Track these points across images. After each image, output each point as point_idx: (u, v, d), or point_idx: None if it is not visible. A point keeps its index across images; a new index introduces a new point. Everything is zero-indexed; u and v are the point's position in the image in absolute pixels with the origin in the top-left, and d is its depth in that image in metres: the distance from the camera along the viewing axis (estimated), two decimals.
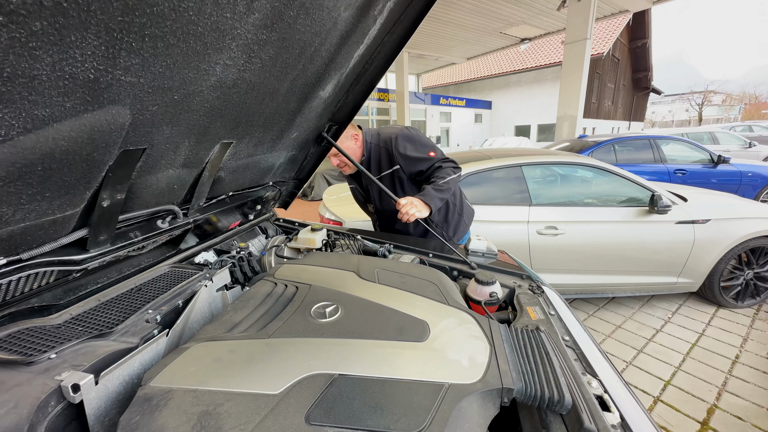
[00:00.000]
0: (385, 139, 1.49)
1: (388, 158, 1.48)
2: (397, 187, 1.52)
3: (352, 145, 1.48)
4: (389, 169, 1.50)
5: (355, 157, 1.49)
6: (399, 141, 1.45)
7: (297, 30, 0.69)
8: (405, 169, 1.47)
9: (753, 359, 2.06)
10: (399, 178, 1.50)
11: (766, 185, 4.82)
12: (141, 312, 0.76)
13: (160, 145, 0.64)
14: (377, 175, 1.50)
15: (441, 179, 1.42)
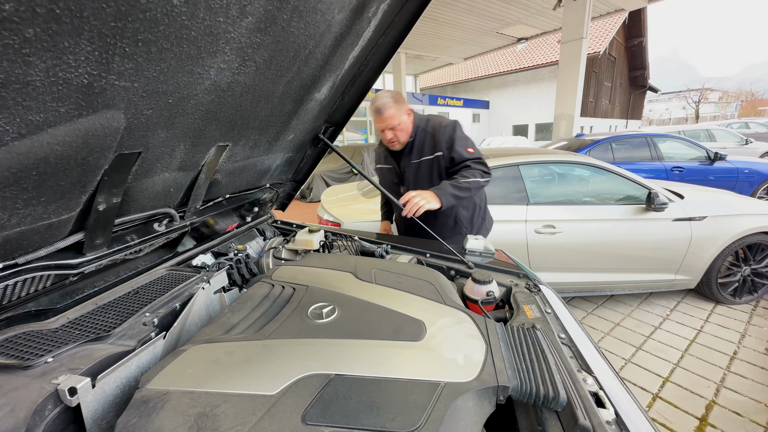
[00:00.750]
0: (434, 125, 1.51)
1: (433, 144, 1.49)
2: (434, 174, 1.53)
3: (405, 120, 1.49)
4: (431, 154, 1.51)
5: (407, 133, 1.51)
6: (447, 129, 1.48)
7: (291, 33, 0.69)
8: (445, 157, 1.49)
9: (751, 355, 2.07)
10: (438, 165, 1.51)
11: (763, 182, 4.84)
12: (138, 315, 0.76)
13: (156, 149, 0.64)
14: (418, 158, 1.53)
15: (464, 178, 1.43)
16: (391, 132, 1.47)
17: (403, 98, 1.47)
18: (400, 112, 1.45)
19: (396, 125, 1.44)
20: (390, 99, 1.43)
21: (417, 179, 1.56)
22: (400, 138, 1.49)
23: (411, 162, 1.55)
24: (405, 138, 1.50)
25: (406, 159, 1.57)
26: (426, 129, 1.53)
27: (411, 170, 1.56)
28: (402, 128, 1.47)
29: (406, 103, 1.49)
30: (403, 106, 1.47)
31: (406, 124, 1.48)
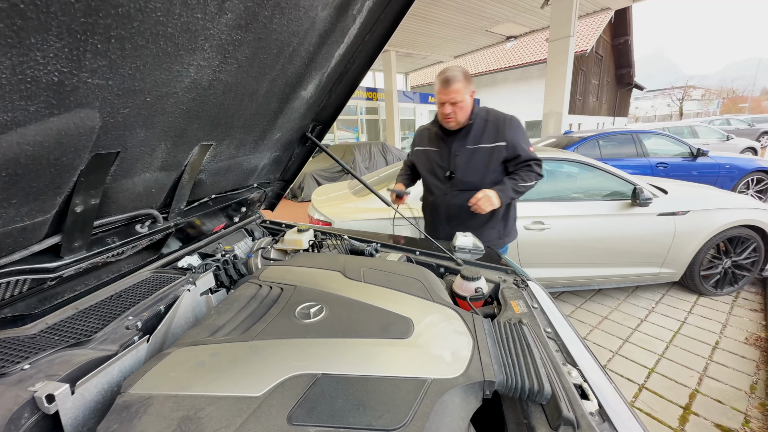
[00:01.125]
0: (496, 115, 1.50)
1: (495, 133, 1.47)
2: (491, 164, 1.49)
3: (468, 100, 1.45)
4: (492, 143, 1.48)
5: (465, 114, 1.47)
6: (513, 123, 1.49)
7: (273, 30, 0.68)
8: (507, 148, 1.47)
9: (732, 344, 2.14)
10: (497, 155, 1.48)
11: (743, 177, 4.99)
12: (121, 319, 0.74)
13: (135, 149, 0.63)
14: (474, 144, 1.50)
15: (523, 181, 1.45)
16: (452, 107, 1.42)
17: (470, 77, 1.45)
18: (466, 90, 1.41)
19: (458, 101, 1.40)
20: (460, 73, 1.39)
21: (469, 166, 1.51)
22: (458, 116, 1.44)
23: (465, 147, 1.50)
24: (462, 118, 1.45)
25: (460, 143, 1.52)
26: (486, 118, 1.50)
27: (464, 155, 1.51)
28: (462, 107, 1.42)
29: (472, 84, 1.46)
30: (470, 85, 1.44)
31: (467, 104, 1.44)
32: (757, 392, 1.76)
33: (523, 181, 1.46)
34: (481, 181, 1.51)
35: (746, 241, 2.58)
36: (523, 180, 1.47)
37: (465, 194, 1.49)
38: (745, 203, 2.56)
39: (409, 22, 7.72)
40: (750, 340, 2.17)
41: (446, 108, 1.43)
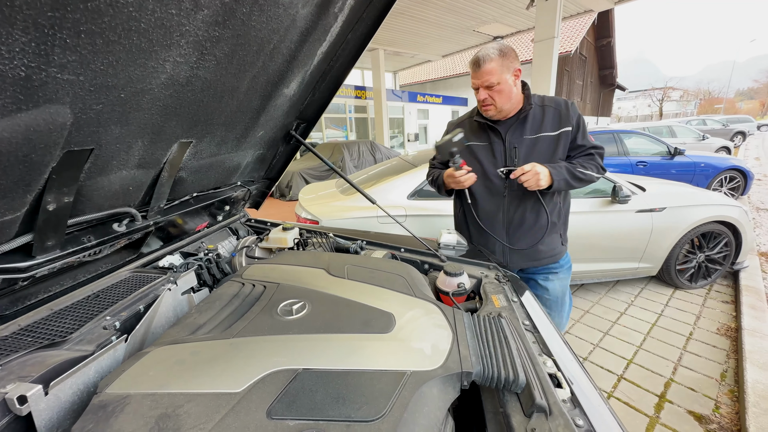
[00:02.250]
0: (552, 100, 1.29)
1: (558, 119, 1.26)
2: (559, 152, 1.27)
3: (508, 81, 1.18)
4: (555, 130, 1.26)
5: (514, 101, 1.24)
6: (573, 108, 1.28)
7: (252, 27, 0.68)
8: (573, 133, 1.27)
9: (704, 335, 2.24)
10: (564, 142, 1.27)
11: (717, 174, 5.21)
12: (98, 319, 0.73)
13: (110, 146, 0.62)
14: (534, 133, 1.27)
15: (582, 167, 1.24)
16: (487, 92, 1.19)
17: (513, 54, 1.18)
18: (504, 68, 1.16)
19: (494, 84, 1.16)
20: (495, 51, 1.16)
21: (530, 159, 1.26)
22: (497, 102, 1.20)
23: (524, 137, 1.27)
24: (504, 104, 1.21)
25: (516, 133, 1.28)
26: (542, 104, 1.28)
27: (524, 147, 1.28)
28: (501, 90, 1.18)
29: (516, 60, 1.18)
30: (510, 62, 1.17)
31: (507, 86, 1.18)
32: (727, 380, 1.85)
33: (582, 168, 1.24)
34: None
35: (718, 236, 2.70)
36: (582, 167, 1.24)
37: (526, 195, 1.29)
38: (717, 200, 2.67)
39: (397, 21, 7.72)
40: (721, 330, 2.27)
41: (480, 94, 1.21)
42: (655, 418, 1.63)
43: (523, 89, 1.28)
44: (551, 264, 1.42)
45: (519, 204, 1.33)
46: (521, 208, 1.33)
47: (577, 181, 1.25)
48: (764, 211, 4.89)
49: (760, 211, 4.90)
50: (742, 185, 5.26)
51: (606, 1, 7.21)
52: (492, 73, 1.15)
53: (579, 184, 1.26)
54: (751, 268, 2.96)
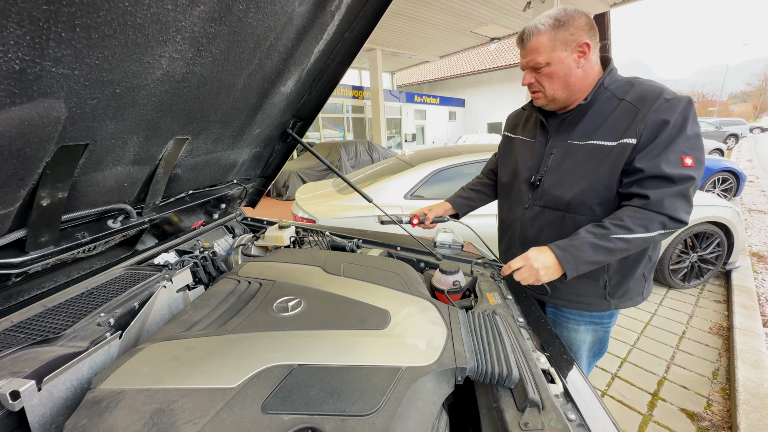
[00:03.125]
0: (642, 92, 0.85)
1: (628, 121, 0.84)
2: (601, 175, 0.88)
3: (564, 60, 0.85)
4: (615, 139, 0.85)
5: (576, 88, 0.89)
6: (664, 108, 0.81)
7: (249, 24, 0.68)
8: (643, 151, 0.82)
9: (697, 334, 2.26)
10: (615, 159, 0.85)
11: (710, 176, 5.27)
12: (92, 316, 0.73)
13: (105, 141, 0.61)
14: (583, 139, 0.90)
15: (624, 231, 0.80)
16: (533, 75, 0.90)
17: (579, 21, 0.83)
18: (558, 44, 0.83)
19: (541, 64, 0.86)
20: (547, 20, 0.84)
21: (561, 172, 0.94)
22: (547, 89, 0.89)
23: (568, 142, 0.93)
24: (557, 92, 0.89)
25: (562, 134, 0.95)
26: (622, 96, 0.87)
27: (559, 154, 0.95)
28: (552, 73, 0.86)
29: (583, 30, 0.83)
30: (571, 34, 0.83)
31: (562, 67, 0.85)
32: (719, 378, 1.87)
33: (621, 230, 0.80)
34: (577, 200, 0.92)
35: (711, 237, 2.73)
36: (624, 228, 0.80)
37: (548, 215, 0.99)
38: (710, 201, 2.70)
39: (394, 21, 7.73)
40: (713, 329, 2.30)
41: (526, 77, 0.92)
42: (648, 416, 1.64)
43: (606, 68, 0.91)
44: (573, 309, 1.06)
45: (538, 223, 1.01)
46: (543, 234, 1.01)
47: (618, 253, 0.82)
48: (756, 212, 4.96)
49: (751, 212, 4.96)
50: (735, 186, 5.33)
51: (601, 4, 7.27)
52: (538, 50, 0.85)
53: (624, 253, 0.83)
54: (743, 268, 3.00)
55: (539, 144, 1.01)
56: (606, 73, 0.89)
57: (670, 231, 0.83)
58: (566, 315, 1.09)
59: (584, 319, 1.06)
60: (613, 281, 0.98)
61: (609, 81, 0.89)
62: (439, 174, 2.59)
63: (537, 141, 1.02)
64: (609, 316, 1.07)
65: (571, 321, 1.08)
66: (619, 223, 0.82)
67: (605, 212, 0.89)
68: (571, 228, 0.91)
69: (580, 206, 0.93)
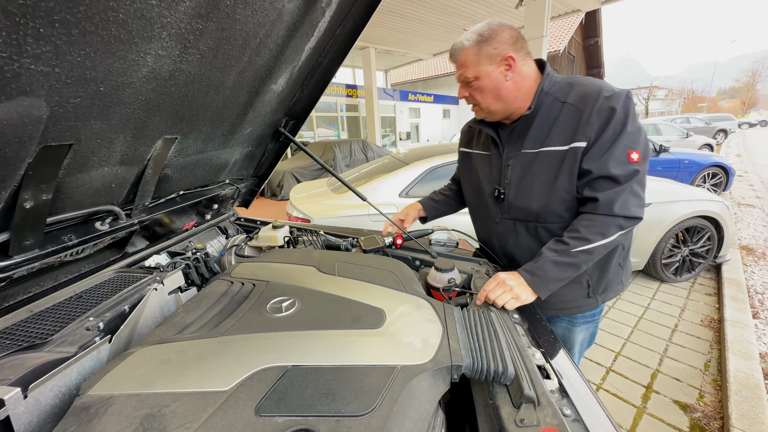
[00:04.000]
0: (583, 93, 0.84)
1: (575, 124, 0.83)
2: (561, 179, 0.87)
3: (493, 73, 0.85)
4: (564, 144, 0.85)
5: (512, 99, 0.88)
6: (605, 107, 0.80)
7: (237, 20, 0.67)
8: (588, 152, 0.83)
9: (689, 327, 2.30)
10: (569, 164, 0.85)
11: (700, 171, 5.35)
12: (80, 320, 0.71)
13: (90, 141, 0.60)
14: (534, 147, 0.90)
15: (581, 241, 0.81)
16: (467, 90, 0.90)
17: (502, 36, 0.83)
18: (481, 58, 0.84)
19: (471, 78, 0.87)
20: (472, 36, 0.84)
21: (526, 182, 0.93)
22: (481, 102, 0.90)
23: (522, 151, 0.93)
24: (492, 104, 0.89)
25: (514, 145, 0.94)
26: (564, 99, 0.87)
27: (518, 165, 0.94)
28: (482, 87, 0.87)
29: (507, 44, 0.83)
30: (495, 48, 0.83)
31: (490, 81, 0.86)
32: (710, 369, 1.90)
33: (580, 242, 0.81)
34: (544, 210, 0.92)
35: (702, 231, 2.77)
36: (583, 239, 0.81)
37: (520, 227, 0.99)
38: (700, 195, 2.74)
39: (387, 19, 7.71)
40: (705, 322, 2.33)
41: (460, 91, 0.93)
42: (643, 408, 1.67)
43: (543, 73, 0.90)
44: (565, 316, 1.09)
45: (517, 240, 1.01)
46: (520, 247, 1.01)
47: (582, 266, 0.83)
48: (745, 206, 5.04)
49: (741, 206, 5.04)
50: (724, 181, 5.42)
51: (593, 1, 7.32)
52: (465, 65, 0.86)
53: (589, 263, 0.84)
54: (733, 262, 3.05)
55: (495, 156, 1.01)
56: (544, 78, 0.89)
57: (629, 230, 0.84)
58: (560, 321, 1.12)
59: (576, 320, 1.09)
60: (594, 278, 1.00)
61: (548, 85, 0.89)
62: (434, 172, 2.59)
63: (493, 154, 1.01)
64: (599, 312, 1.10)
65: (564, 324, 1.12)
66: (577, 235, 0.83)
67: (575, 217, 0.90)
68: (546, 237, 0.93)
69: (548, 215, 0.93)
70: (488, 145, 1.03)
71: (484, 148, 1.05)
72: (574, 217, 0.90)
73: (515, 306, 0.81)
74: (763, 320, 2.28)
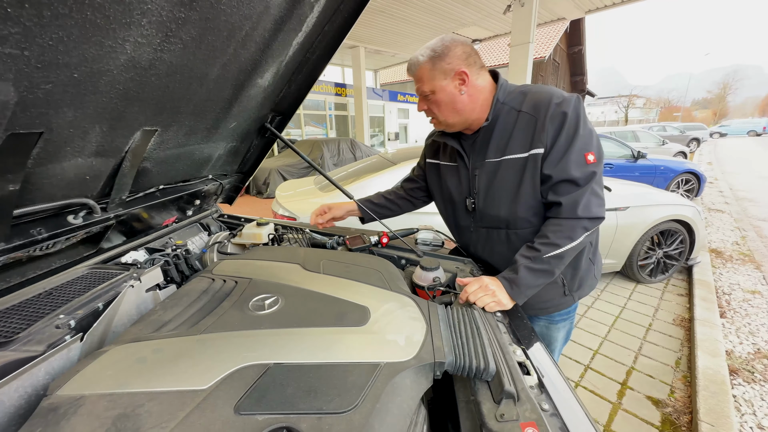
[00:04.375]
0: (536, 101, 0.87)
1: (531, 133, 0.86)
2: (525, 185, 0.90)
3: (448, 87, 0.87)
4: (524, 151, 0.88)
5: (468, 112, 0.91)
6: (557, 113, 0.84)
7: (222, 11, 0.65)
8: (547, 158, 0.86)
9: (662, 325, 2.40)
10: (534, 170, 0.88)
11: (675, 177, 5.59)
12: (50, 318, 0.68)
13: (62, 130, 0.57)
14: (497, 156, 0.92)
15: (550, 247, 0.84)
16: (425, 104, 0.93)
17: (455, 51, 0.86)
18: (437, 73, 0.86)
19: (427, 92, 0.90)
20: (426, 51, 0.87)
21: (493, 190, 0.95)
22: (438, 115, 0.93)
23: (486, 161, 0.94)
24: (448, 117, 0.92)
25: (479, 155, 0.96)
26: (519, 108, 0.89)
27: (484, 175, 0.96)
28: (438, 101, 0.90)
29: (460, 59, 0.86)
30: (448, 64, 0.85)
31: (445, 95, 0.88)
32: (681, 366, 1.99)
33: (549, 247, 0.84)
34: (512, 216, 0.95)
35: (675, 234, 2.89)
36: (552, 245, 0.84)
37: (493, 235, 1.02)
38: (674, 200, 2.87)
39: (377, 19, 7.70)
40: (677, 321, 2.44)
41: (419, 104, 0.95)
42: (618, 404, 1.73)
43: (497, 84, 0.93)
44: (543, 316, 1.13)
45: (492, 248, 1.04)
46: (495, 254, 1.04)
47: (552, 274, 0.86)
48: (715, 211, 5.31)
49: (711, 211, 5.30)
50: (696, 187, 5.68)
51: (577, 10, 7.54)
52: (422, 80, 0.89)
53: (561, 266, 0.87)
54: (703, 264, 3.21)
55: (462, 167, 1.02)
56: (498, 88, 0.92)
57: (594, 230, 0.88)
58: (538, 320, 1.16)
59: (554, 318, 1.13)
60: (568, 277, 1.03)
61: (503, 96, 0.92)
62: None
63: (459, 164, 1.03)
64: (574, 309, 1.15)
65: (543, 322, 1.15)
66: (546, 241, 0.86)
67: (543, 221, 0.93)
68: (518, 244, 0.95)
69: (518, 221, 0.95)
70: (454, 157, 1.04)
71: (450, 159, 1.07)
72: (542, 222, 0.93)
73: (495, 309, 0.84)
74: (729, 319, 2.40)
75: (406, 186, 1.30)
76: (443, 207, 1.17)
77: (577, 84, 22.44)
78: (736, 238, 4.08)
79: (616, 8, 7.10)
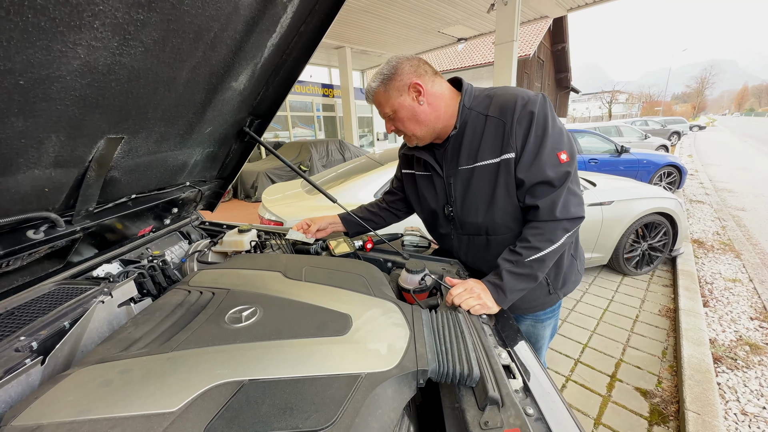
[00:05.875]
0: (502, 104, 0.86)
1: (500, 138, 0.86)
2: (500, 189, 0.89)
3: (406, 103, 0.88)
4: (494, 157, 0.87)
5: (434, 121, 0.91)
6: (524, 114, 0.82)
7: (186, 12, 0.62)
8: (519, 162, 0.85)
9: (648, 317, 2.44)
10: (507, 174, 0.87)
11: (657, 170, 5.72)
12: (9, 340, 0.64)
13: (12, 141, 0.53)
14: (469, 162, 0.92)
15: (531, 251, 0.84)
16: (390, 123, 0.95)
17: (403, 68, 0.87)
18: (392, 93, 0.88)
19: (389, 113, 0.92)
20: (377, 78, 0.90)
21: (469, 197, 0.95)
22: (406, 131, 0.94)
23: (459, 169, 0.94)
24: (418, 130, 0.93)
25: (451, 163, 0.96)
26: (486, 112, 0.88)
27: (459, 182, 0.96)
28: (402, 118, 0.91)
29: (410, 73, 0.87)
30: (399, 81, 0.87)
31: (407, 110, 0.89)
32: (668, 356, 2.03)
33: (530, 251, 0.85)
34: (491, 222, 0.95)
35: (658, 226, 2.95)
36: (533, 248, 0.85)
37: (474, 241, 1.03)
38: (657, 193, 2.93)
39: (362, 19, 7.67)
40: (662, 311, 2.49)
41: (386, 126, 0.97)
42: (608, 397, 1.74)
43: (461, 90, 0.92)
44: (529, 314, 1.13)
45: (474, 254, 1.05)
46: (478, 260, 1.06)
47: (536, 278, 0.87)
48: (696, 203, 5.45)
49: (692, 203, 5.45)
50: (678, 180, 5.83)
51: (559, 8, 7.65)
52: (381, 104, 0.92)
53: (543, 271, 0.87)
54: (686, 254, 3.28)
55: (437, 176, 1.02)
56: (463, 94, 0.91)
57: (574, 230, 0.88)
58: (524, 319, 1.16)
59: (539, 317, 1.14)
60: (552, 275, 1.03)
61: (468, 101, 0.91)
62: None
63: (434, 174, 1.03)
64: (559, 306, 1.16)
65: (529, 321, 1.15)
66: (527, 244, 0.86)
67: (522, 226, 0.93)
68: (500, 249, 0.95)
69: (496, 227, 0.96)
70: (428, 166, 1.04)
71: (425, 169, 1.07)
72: (521, 226, 0.93)
73: (480, 313, 0.83)
74: (712, 308, 2.46)
75: (387, 199, 1.30)
76: (423, 216, 1.18)
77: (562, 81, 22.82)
78: (717, 228, 4.20)
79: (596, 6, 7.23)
